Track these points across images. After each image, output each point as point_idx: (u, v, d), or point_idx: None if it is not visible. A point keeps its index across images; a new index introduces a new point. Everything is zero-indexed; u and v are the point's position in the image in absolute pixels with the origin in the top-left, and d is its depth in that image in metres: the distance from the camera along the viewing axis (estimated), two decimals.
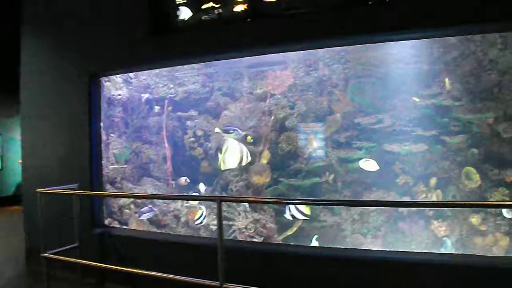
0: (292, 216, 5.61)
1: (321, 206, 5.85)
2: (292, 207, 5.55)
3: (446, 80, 5.67)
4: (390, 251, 4.97)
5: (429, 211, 5.66)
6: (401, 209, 5.69)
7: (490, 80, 5.61)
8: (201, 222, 6.18)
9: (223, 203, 5.83)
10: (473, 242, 5.61)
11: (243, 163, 5.95)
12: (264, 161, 6.02)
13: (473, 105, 5.60)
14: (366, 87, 5.90)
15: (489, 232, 5.55)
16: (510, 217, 5.29)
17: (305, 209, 5.65)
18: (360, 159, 5.78)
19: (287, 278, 4.47)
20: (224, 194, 6.27)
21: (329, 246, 5.50)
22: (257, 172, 5.99)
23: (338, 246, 5.56)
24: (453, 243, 5.63)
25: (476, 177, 5.54)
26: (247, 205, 6.03)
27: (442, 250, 5.53)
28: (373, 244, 5.75)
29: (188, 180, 6.63)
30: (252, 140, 6.18)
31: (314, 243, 5.72)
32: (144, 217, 6.59)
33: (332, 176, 5.90)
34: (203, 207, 6.22)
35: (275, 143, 6.13)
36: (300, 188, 5.96)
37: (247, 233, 5.96)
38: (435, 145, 5.64)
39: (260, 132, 6.15)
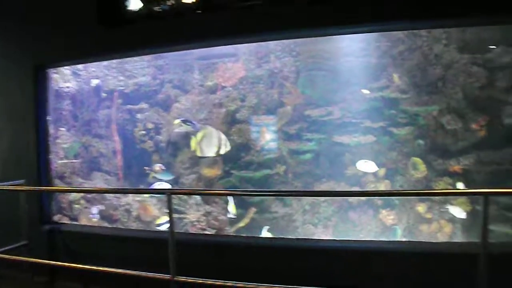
0: None
1: (272, 198, 5.93)
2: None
3: (395, 75, 5.82)
4: (340, 240, 5.06)
5: (378, 200, 5.82)
6: (351, 199, 5.76)
7: (435, 74, 5.75)
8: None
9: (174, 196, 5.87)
10: (419, 229, 5.84)
11: (221, 151, 5.83)
12: None
13: (419, 98, 5.72)
14: (316, 80, 5.91)
15: (434, 219, 5.78)
16: (462, 217, 5.53)
17: (232, 209, 5.78)
18: (310, 150, 5.92)
19: (240, 269, 4.47)
20: (175, 187, 6.23)
21: (280, 237, 5.60)
22: (208, 165, 5.97)
23: (289, 237, 5.67)
24: (401, 231, 5.84)
25: (422, 167, 5.72)
26: (198, 198, 6.01)
27: (392, 238, 5.74)
28: (324, 234, 5.83)
29: (164, 167, 6.50)
30: None
31: (265, 234, 5.79)
32: (97, 217, 6.47)
33: (283, 168, 5.92)
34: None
35: (226, 136, 6.01)
36: (251, 180, 5.93)
37: (199, 226, 5.95)
38: (383, 137, 5.74)
39: (211, 125, 6.06)
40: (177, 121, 6.25)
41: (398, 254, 4.37)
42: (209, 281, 4.02)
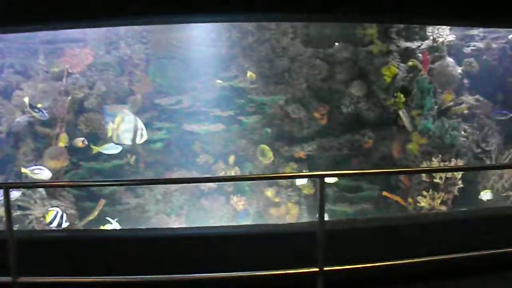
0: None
1: (123, 189, 5.87)
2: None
3: (250, 73, 5.96)
4: (190, 227, 5.20)
5: (229, 187, 6.06)
6: (202, 187, 5.89)
7: (282, 65, 6.06)
8: (59, 224, 5.55)
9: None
10: (269, 213, 6.21)
11: (138, 141, 5.41)
12: (61, 144, 5.71)
13: (266, 88, 5.99)
14: (167, 68, 5.86)
15: (282, 203, 6.20)
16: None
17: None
18: (161, 139, 5.94)
19: (90, 263, 4.36)
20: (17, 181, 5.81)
21: (130, 227, 5.56)
22: (53, 156, 5.66)
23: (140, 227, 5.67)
24: (252, 215, 6.17)
25: (270, 154, 6.05)
26: (44, 192, 5.70)
27: (244, 222, 6.03)
28: (177, 222, 5.87)
29: (86, 142, 5.81)
30: None
31: (115, 226, 5.68)
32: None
33: (133, 158, 5.80)
34: (57, 208, 5.49)
35: (73, 125, 5.77)
36: (101, 171, 5.71)
37: (45, 222, 5.66)
38: (232, 125, 5.92)
39: (56, 113, 5.69)
40: (26, 99, 5.80)
41: (247, 237, 4.58)
42: (58, 279, 3.84)
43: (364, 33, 6.18)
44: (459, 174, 5.82)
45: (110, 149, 5.59)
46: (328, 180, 5.64)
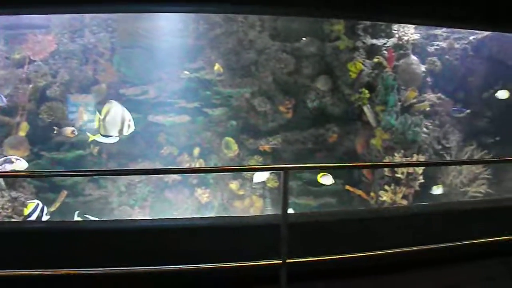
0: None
1: (86, 180, 5.86)
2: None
3: (217, 65, 6.01)
4: (154, 219, 5.22)
5: (193, 179, 6.12)
6: (166, 178, 5.93)
7: (249, 58, 6.13)
8: (39, 217, 5.41)
9: None
10: (233, 205, 6.31)
11: (124, 132, 5.30)
12: (22, 133, 5.62)
13: (232, 81, 6.03)
14: (132, 58, 5.84)
15: (246, 195, 6.30)
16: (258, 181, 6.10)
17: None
18: None
19: (52, 256, 4.35)
20: None
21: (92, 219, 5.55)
22: (13, 146, 5.59)
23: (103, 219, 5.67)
24: (216, 207, 6.25)
25: (235, 146, 6.09)
26: (2, 182, 5.61)
27: (208, 215, 6.10)
28: (141, 214, 5.80)
29: (76, 132, 5.73)
30: None
31: (77, 218, 5.66)
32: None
33: (97, 149, 5.76)
34: (36, 200, 5.36)
35: (35, 114, 5.66)
36: (63, 161, 5.66)
37: (4, 214, 5.56)
38: (197, 117, 5.95)
39: (17, 102, 5.58)
40: None
41: (211, 230, 4.64)
42: (20, 272, 3.80)
43: (331, 29, 6.28)
44: (420, 170, 6.00)
45: (107, 137, 5.46)
46: (324, 181, 5.84)
